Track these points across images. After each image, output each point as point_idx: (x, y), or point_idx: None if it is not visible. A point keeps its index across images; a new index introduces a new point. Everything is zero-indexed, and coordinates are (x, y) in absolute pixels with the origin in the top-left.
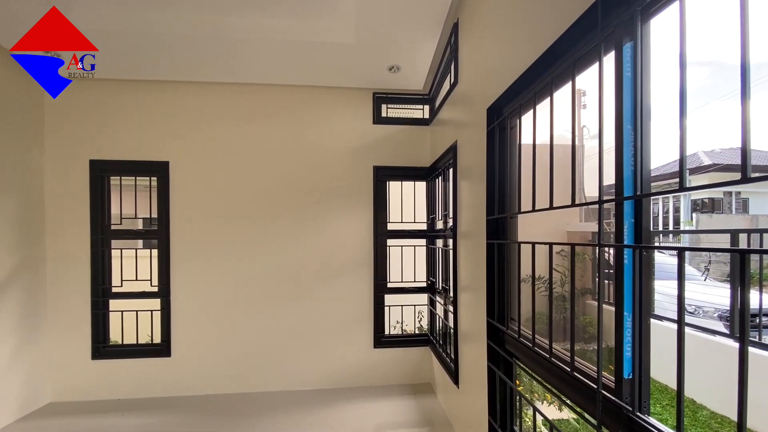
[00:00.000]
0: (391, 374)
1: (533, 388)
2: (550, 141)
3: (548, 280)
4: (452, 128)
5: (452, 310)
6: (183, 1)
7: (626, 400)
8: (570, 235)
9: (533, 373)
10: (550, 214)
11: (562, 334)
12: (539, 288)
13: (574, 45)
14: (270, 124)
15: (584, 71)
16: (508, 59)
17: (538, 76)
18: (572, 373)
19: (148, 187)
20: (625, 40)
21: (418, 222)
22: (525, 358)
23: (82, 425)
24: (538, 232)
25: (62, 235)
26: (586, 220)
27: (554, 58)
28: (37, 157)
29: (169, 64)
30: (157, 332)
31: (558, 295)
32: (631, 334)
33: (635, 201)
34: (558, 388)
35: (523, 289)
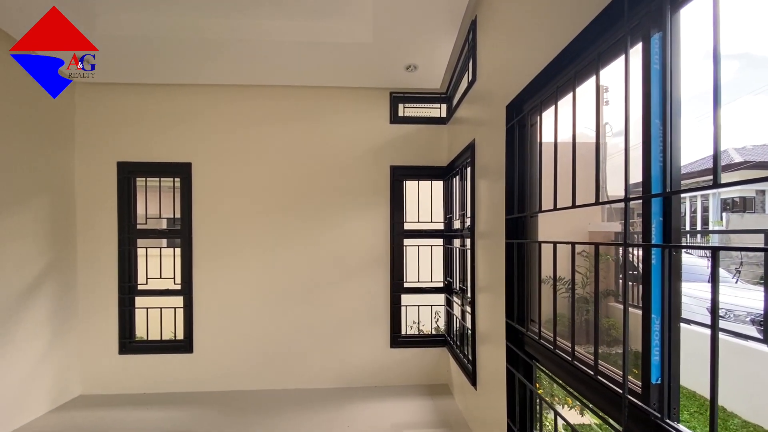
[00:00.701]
0: (407, 374)
1: (553, 392)
2: (572, 137)
3: (570, 281)
4: (470, 126)
5: (470, 311)
6: (204, 5)
7: (654, 406)
8: (592, 235)
9: (554, 376)
10: (571, 213)
11: (583, 337)
12: (560, 289)
13: (599, 38)
14: (288, 125)
15: (608, 65)
16: (528, 55)
17: (560, 71)
18: (596, 377)
19: (172, 187)
20: (653, 31)
21: (435, 222)
22: (545, 361)
23: (109, 417)
24: (559, 233)
25: (92, 235)
26: (608, 219)
27: (577, 52)
28: (68, 159)
29: (192, 68)
30: (180, 329)
31: (579, 297)
32: (660, 338)
33: (664, 198)
34: (580, 392)
35: (543, 290)
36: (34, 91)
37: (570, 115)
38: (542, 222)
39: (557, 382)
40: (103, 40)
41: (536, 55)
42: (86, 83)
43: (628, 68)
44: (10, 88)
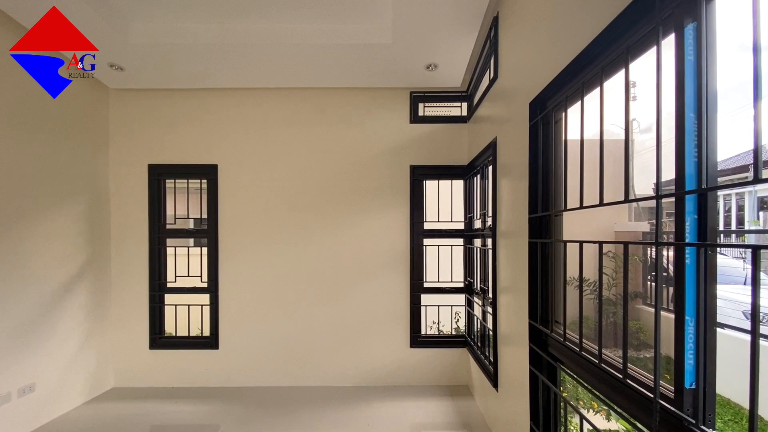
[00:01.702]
0: (427, 374)
1: (578, 395)
2: (600, 134)
3: (597, 282)
4: (491, 124)
5: (491, 312)
6: (228, 12)
7: (688, 412)
8: (618, 235)
9: (580, 379)
10: (595, 213)
11: (609, 340)
12: (584, 290)
13: (628, 30)
14: (309, 126)
15: (638, 58)
16: (552, 51)
17: (586, 66)
18: (625, 381)
19: (199, 189)
20: (687, 21)
21: (455, 221)
22: (571, 363)
23: (140, 410)
24: (583, 233)
25: (124, 234)
26: (635, 219)
27: (605, 46)
28: (103, 162)
29: (217, 72)
30: (206, 326)
31: (604, 299)
32: (694, 341)
33: (699, 195)
34: (608, 396)
35: (568, 290)
36: (71, 98)
37: (595, 111)
38: (566, 222)
39: (583, 386)
40: (136, 48)
41: (561, 51)
42: (119, 89)
43: (660, 61)
44: (49, 97)
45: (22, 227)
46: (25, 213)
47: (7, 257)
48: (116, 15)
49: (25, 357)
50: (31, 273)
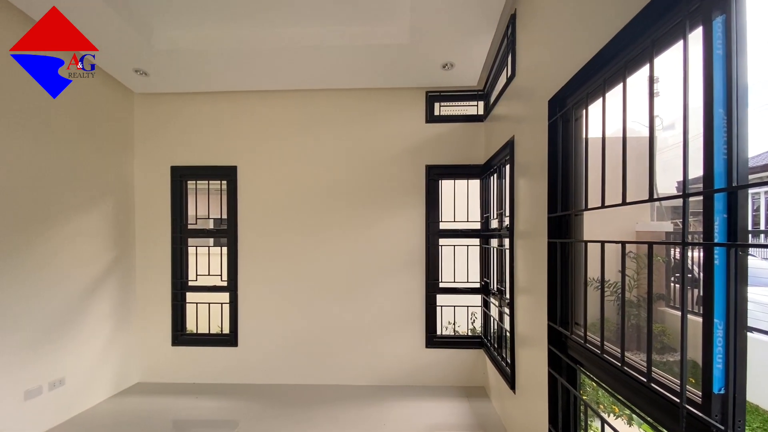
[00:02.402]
0: (443, 375)
1: (598, 399)
2: (623, 131)
3: (616, 284)
4: (509, 123)
5: (508, 313)
6: (247, 17)
7: (716, 418)
8: (639, 235)
9: (601, 383)
10: (615, 212)
11: (630, 343)
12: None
13: (653, 23)
14: (326, 127)
15: (663, 53)
16: (572, 47)
17: (609, 62)
18: (649, 385)
19: (219, 189)
20: (715, 14)
21: (472, 221)
22: (591, 366)
23: (163, 404)
24: (603, 233)
25: (148, 234)
26: (658, 219)
27: (628, 41)
28: (129, 164)
29: (237, 75)
30: (226, 323)
31: (626, 301)
32: (724, 345)
33: (728, 194)
34: (631, 400)
35: (587, 292)
36: (99, 103)
37: (616, 109)
38: (585, 222)
39: (605, 389)
40: (160, 54)
41: (581, 47)
42: (144, 94)
43: (686, 55)
44: (78, 101)
45: (53, 227)
46: (57, 213)
47: (39, 256)
48: (142, 22)
49: (56, 352)
50: (62, 271)
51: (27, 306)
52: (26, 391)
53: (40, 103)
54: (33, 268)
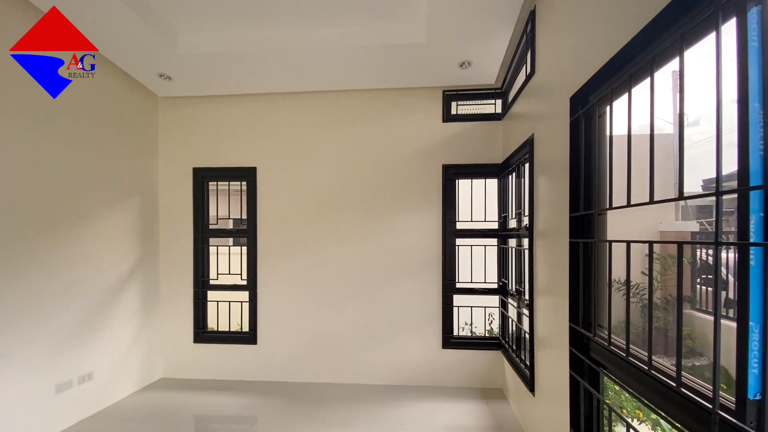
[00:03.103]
0: (459, 376)
1: (621, 403)
2: (650, 127)
3: (643, 285)
4: (528, 121)
5: (527, 314)
6: (266, 20)
7: (752, 425)
8: (663, 235)
9: (626, 386)
10: (638, 212)
11: (655, 346)
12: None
13: (683, 15)
14: (343, 128)
15: (693, 45)
16: (595, 43)
17: (635, 56)
18: (678, 389)
19: (239, 190)
20: (750, 4)
21: (489, 221)
22: (615, 369)
23: (185, 400)
24: (625, 233)
25: (171, 234)
26: (683, 218)
27: (655, 35)
28: (153, 166)
29: (256, 78)
30: (245, 322)
31: (646, 303)
32: (760, 349)
33: (765, 191)
34: (659, 405)
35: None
36: (126, 107)
37: (641, 105)
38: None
39: (631, 393)
40: (183, 58)
41: (605, 42)
42: (167, 98)
43: (720, 48)
44: (106, 106)
45: (83, 227)
46: (86, 214)
47: (69, 255)
48: (166, 28)
49: (85, 347)
50: (91, 269)
51: (58, 303)
52: (57, 384)
53: (70, 108)
54: (64, 267)
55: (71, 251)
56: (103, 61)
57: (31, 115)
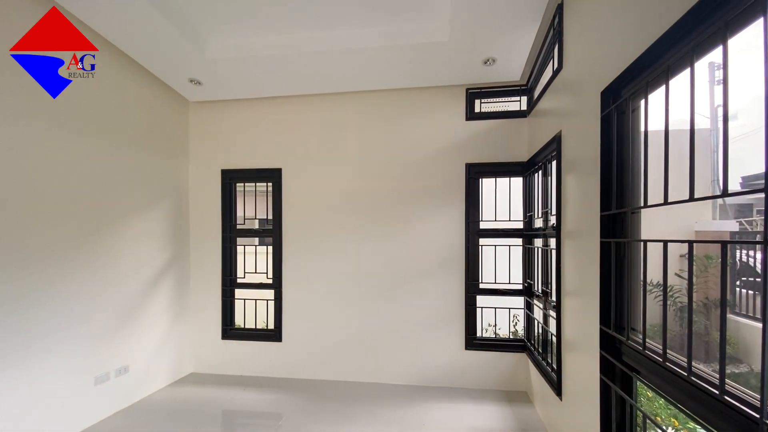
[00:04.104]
0: (482, 378)
1: (654, 410)
2: (690, 121)
3: (677, 287)
4: (555, 118)
5: (554, 316)
6: (290, 23)
7: None
8: (699, 235)
9: (664, 393)
10: (672, 211)
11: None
12: (658, 295)
13: (726, 3)
14: (366, 128)
15: (737, 34)
16: (629, 33)
17: (673, 46)
18: (722, 397)
19: (265, 191)
20: None
21: (514, 220)
22: (650, 374)
23: (214, 394)
24: (657, 232)
25: (200, 234)
26: (721, 217)
27: (695, 23)
28: (184, 168)
29: (281, 81)
30: (271, 319)
31: (681, 306)
32: None
33: None
34: (698, 414)
35: (642, 295)
36: (159, 112)
37: (676, 99)
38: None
39: (668, 400)
40: (212, 63)
41: (640, 33)
42: (197, 102)
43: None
44: (140, 111)
45: (119, 228)
46: (122, 215)
47: (107, 254)
48: (196, 34)
49: (121, 342)
50: (126, 268)
51: (96, 299)
52: (96, 377)
53: (108, 115)
54: (101, 267)
55: (108, 251)
56: (138, 68)
57: (73, 122)
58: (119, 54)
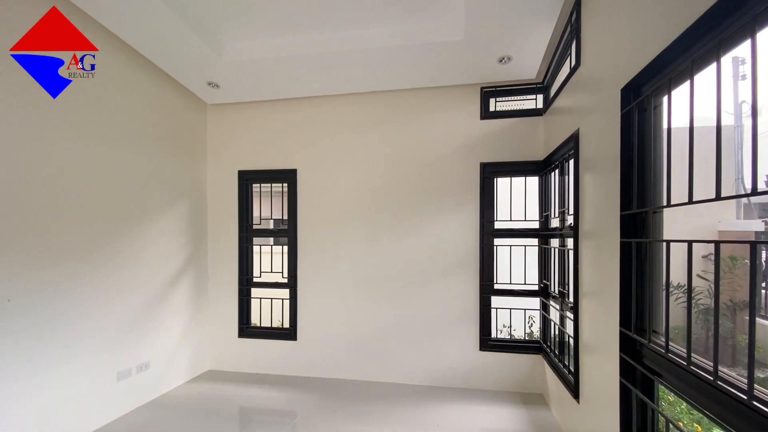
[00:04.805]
0: (497, 379)
1: (676, 414)
2: (717, 118)
3: (697, 288)
4: (572, 116)
5: (572, 317)
6: (306, 24)
7: None
8: (722, 235)
9: (688, 397)
10: (693, 210)
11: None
12: (680, 297)
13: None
14: (380, 128)
15: (766, 27)
16: (651, 29)
17: (698, 41)
18: (750, 402)
19: (281, 192)
20: None
21: (529, 220)
22: (673, 378)
23: (230, 392)
24: (677, 232)
25: (218, 233)
26: (745, 216)
27: (722, 17)
28: (202, 169)
29: (297, 83)
30: (286, 318)
31: (704, 309)
32: None
33: None
34: (724, 419)
35: (664, 296)
36: (178, 115)
37: (701, 95)
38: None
39: (693, 405)
40: (229, 66)
41: (662, 29)
42: (215, 105)
43: None
44: (161, 114)
45: (140, 226)
46: (143, 215)
47: (128, 252)
48: (214, 37)
49: (142, 339)
50: (147, 266)
51: (118, 296)
52: (118, 372)
53: (130, 118)
54: (123, 265)
55: (130, 250)
56: (158, 72)
57: (101, 127)
58: (144, 61)
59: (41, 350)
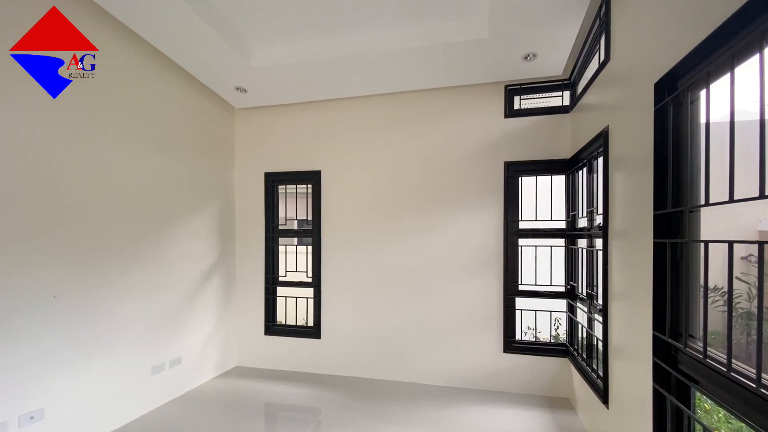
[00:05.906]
0: (522, 382)
1: (713, 423)
2: (760, 112)
3: (744, 291)
4: (601, 112)
5: (600, 320)
6: (330, 27)
7: None
8: (763, 236)
9: (727, 405)
10: (732, 210)
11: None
12: (717, 300)
13: None
14: (403, 129)
15: None
16: (686, 20)
17: (738, 32)
18: None
19: (305, 193)
20: None
21: (556, 220)
22: (711, 385)
23: (257, 387)
24: (713, 233)
25: (245, 234)
26: None
27: (765, 7)
28: (230, 171)
29: (320, 86)
30: (311, 317)
31: (744, 312)
32: None
33: None
34: (767, 428)
35: (701, 299)
36: (209, 120)
37: (741, 88)
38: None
39: (733, 413)
40: (256, 71)
41: (699, 20)
42: (243, 109)
43: None
44: (191, 119)
45: (173, 228)
46: (175, 216)
47: (162, 253)
48: (242, 43)
49: (175, 335)
50: (177, 266)
51: (152, 295)
52: (153, 366)
53: (164, 123)
54: (157, 265)
55: (163, 251)
56: (188, 78)
57: (139, 134)
58: (178, 69)
59: (83, 348)
